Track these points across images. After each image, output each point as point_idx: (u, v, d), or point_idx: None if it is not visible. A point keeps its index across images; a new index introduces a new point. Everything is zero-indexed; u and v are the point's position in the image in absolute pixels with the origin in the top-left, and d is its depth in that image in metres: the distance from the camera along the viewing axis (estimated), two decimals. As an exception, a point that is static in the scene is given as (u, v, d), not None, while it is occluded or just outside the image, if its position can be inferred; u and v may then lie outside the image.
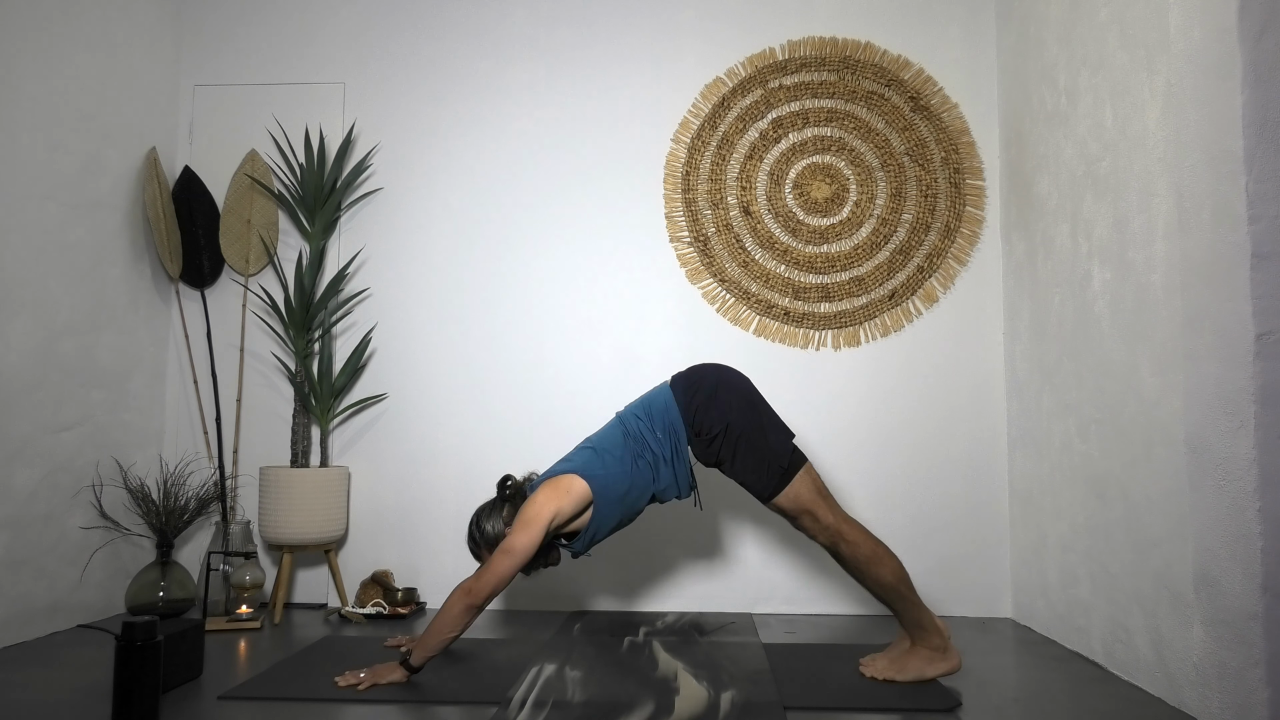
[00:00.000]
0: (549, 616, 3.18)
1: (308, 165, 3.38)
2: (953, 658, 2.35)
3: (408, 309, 3.46)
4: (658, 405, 2.46)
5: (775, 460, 2.34)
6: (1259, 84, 1.89)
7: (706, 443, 2.40)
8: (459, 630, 2.26)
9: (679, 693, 2.23)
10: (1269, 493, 1.84)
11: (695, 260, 3.40)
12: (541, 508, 2.30)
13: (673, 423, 2.42)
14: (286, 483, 3.14)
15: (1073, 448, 2.72)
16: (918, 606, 2.34)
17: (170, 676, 2.22)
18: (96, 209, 3.12)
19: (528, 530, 2.27)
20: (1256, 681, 1.85)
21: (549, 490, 2.34)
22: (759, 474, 2.35)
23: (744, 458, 2.35)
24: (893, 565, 2.33)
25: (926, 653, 2.34)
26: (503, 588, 2.26)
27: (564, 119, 3.48)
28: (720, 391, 2.41)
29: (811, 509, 2.34)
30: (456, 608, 2.23)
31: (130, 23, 3.30)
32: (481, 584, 2.23)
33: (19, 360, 2.79)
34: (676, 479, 2.44)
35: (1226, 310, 1.94)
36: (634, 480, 2.40)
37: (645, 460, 2.40)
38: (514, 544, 2.26)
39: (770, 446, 2.35)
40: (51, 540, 2.89)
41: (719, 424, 2.37)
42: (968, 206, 3.36)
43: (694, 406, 2.41)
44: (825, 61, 3.43)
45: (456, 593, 2.25)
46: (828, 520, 2.33)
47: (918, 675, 2.32)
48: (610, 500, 2.38)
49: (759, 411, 2.41)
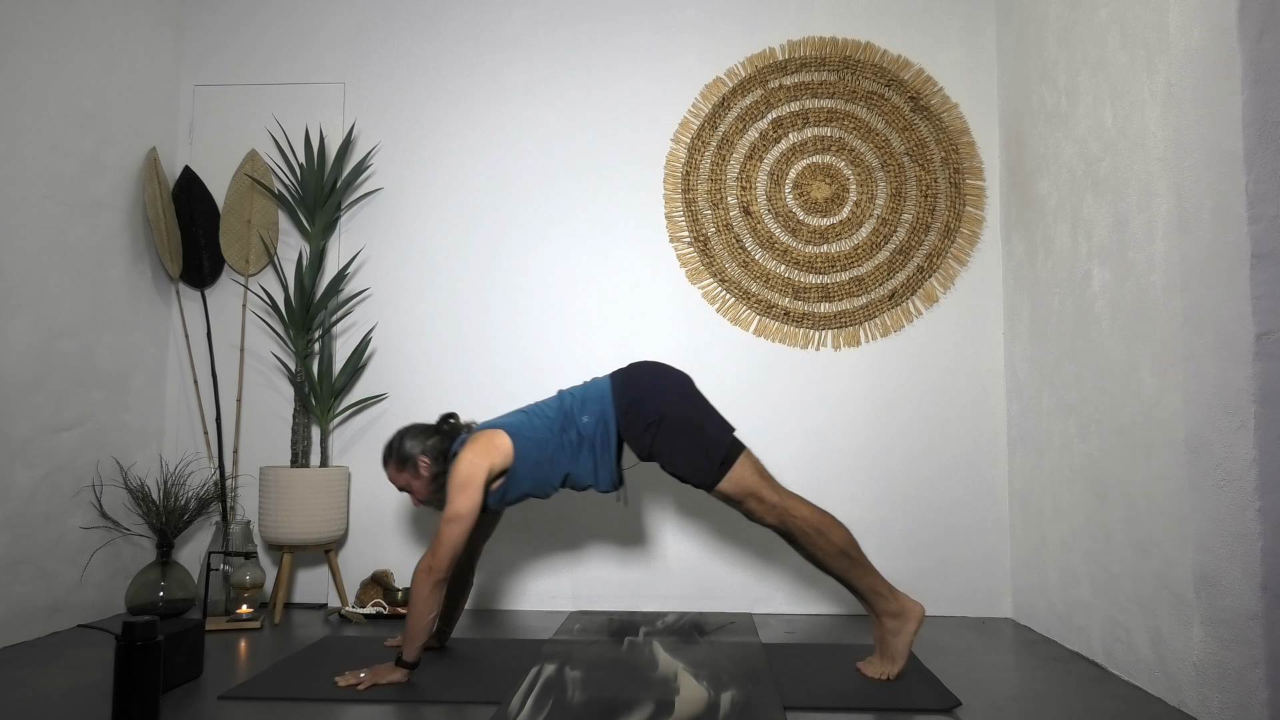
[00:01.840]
0: (549, 616, 3.18)
1: (308, 165, 3.38)
2: (913, 612, 2.36)
3: (408, 309, 3.46)
4: (594, 392, 2.53)
5: (715, 450, 2.38)
6: (1259, 84, 1.89)
7: (640, 431, 2.43)
8: (436, 609, 2.32)
9: (679, 693, 2.23)
10: (1269, 493, 1.84)
11: (695, 260, 3.40)
12: (475, 468, 2.36)
13: (605, 411, 2.48)
14: (286, 483, 3.14)
15: (1073, 448, 2.72)
16: (870, 572, 2.37)
17: (170, 676, 2.23)
18: (96, 209, 3.12)
19: (466, 492, 2.34)
20: (1256, 681, 1.86)
21: (479, 446, 2.41)
22: (699, 463, 2.39)
23: (682, 449, 2.40)
24: (840, 531, 2.37)
25: (893, 624, 2.36)
26: (459, 553, 2.34)
27: (564, 119, 3.48)
28: (656, 386, 2.47)
29: (755, 490, 2.38)
30: (425, 589, 2.29)
31: (130, 23, 3.30)
32: (439, 558, 2.30)
33: (19, 360, 2.79)
34: (597, 469, 2.50)
35: (1226, 310, 1.94)
36: (554, 453, 2.47)
37: (569, 437, 2.48)
38: (458, 510, 2.33)
39: (709, 435, 2.40)
40: (51, 540, 2.89)
41: (653, 414, 2.42)
42: (968, 206, 3.36)
43: (629, 398, 2.46)
44: (825, 61, 3.43)
45: (419, 576, 2.30)
46: (773, 499, 2.38)
47: (905, 649, 2.35)
48: (527, 463, 2.45)
49: (696, 405, 2.46)
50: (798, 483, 3.28)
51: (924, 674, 2.40)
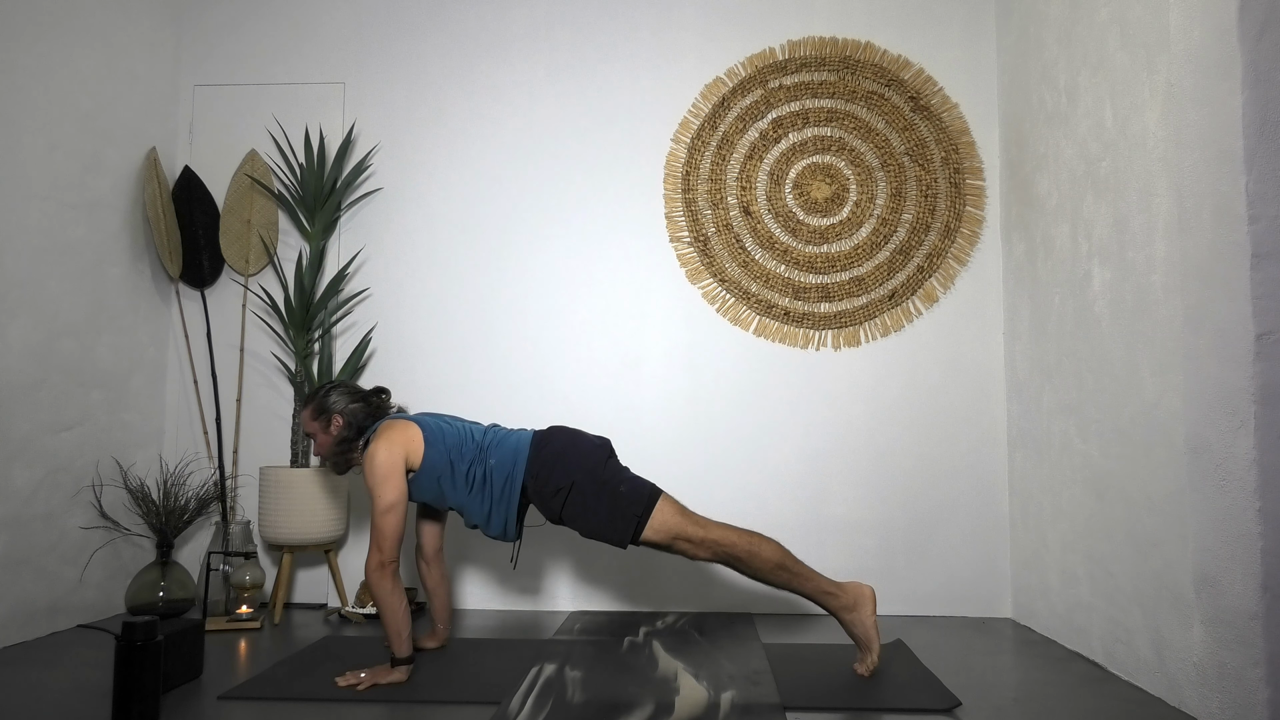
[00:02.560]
0: (549, 616, 3.18)
1: (308, 165, 3.38)
2: (863, 595, 2.37)
3: (408, 309, 3.46)
4: (513, 442, 2.49)
5: (631, 506, 2.36)
6: (1259, 84, 1.89)
7: (550, 496, 2.41)
8: (402, 598, 2.34)
9: (679, 693, 2.23)
10: (1269, 493, 1.84)
11: (695, 260, 3.40)
12: (391, 457, 2.38)
13: (516, 465, 2.44)
14: (286, 483, 3.14)
15: (1073, 448, 2.72)
16: (812, 577, 2.38)
17: (170, 676, 2.23)
18: (96, 209, 3.12)
19: (389, 482, 2.36)
20: (1256, 681, 1.86)
21: (394, 437, 2.41)
22: (615, 523, 2.36)
23: (595, 512, 2.37)
24: (770, 547, 2.37)
25: (850, 616, 2.37)
26: (401, 540, 2.36)
27: (563, 119, 3.48)
28: (569, 453, 2.44)
29: (680, 532, 2.36)
30: (385, 583, 2.32)
31: (130, 23, 3.30)
32: (385, 550, 2.32)
33: (19, 360, 2.79)
34: (490, 514, 2.47)
35: (1226, 310, 1.94)
36: (453, 478, 2.45)
37: (475, 470, 2.45)
38: (388, 500, 2.34)
39: (623, 495, 2.37)
40: (51, 540, 2.89)
41: (563, 480, 2.39)
42: (968, 206, 3.36)
43: (540, 460, 2.43)
44: (825, 61, 3.43)
45: (372, 575, 2.32)
46: (699, 535, 2.35)
47: (873, 631, 2.36)
48: (430, 475, 2.44)
49: (608, 469, 2.42)
50: (798, 483, 3.29)
51: (924, 674, 2.40)
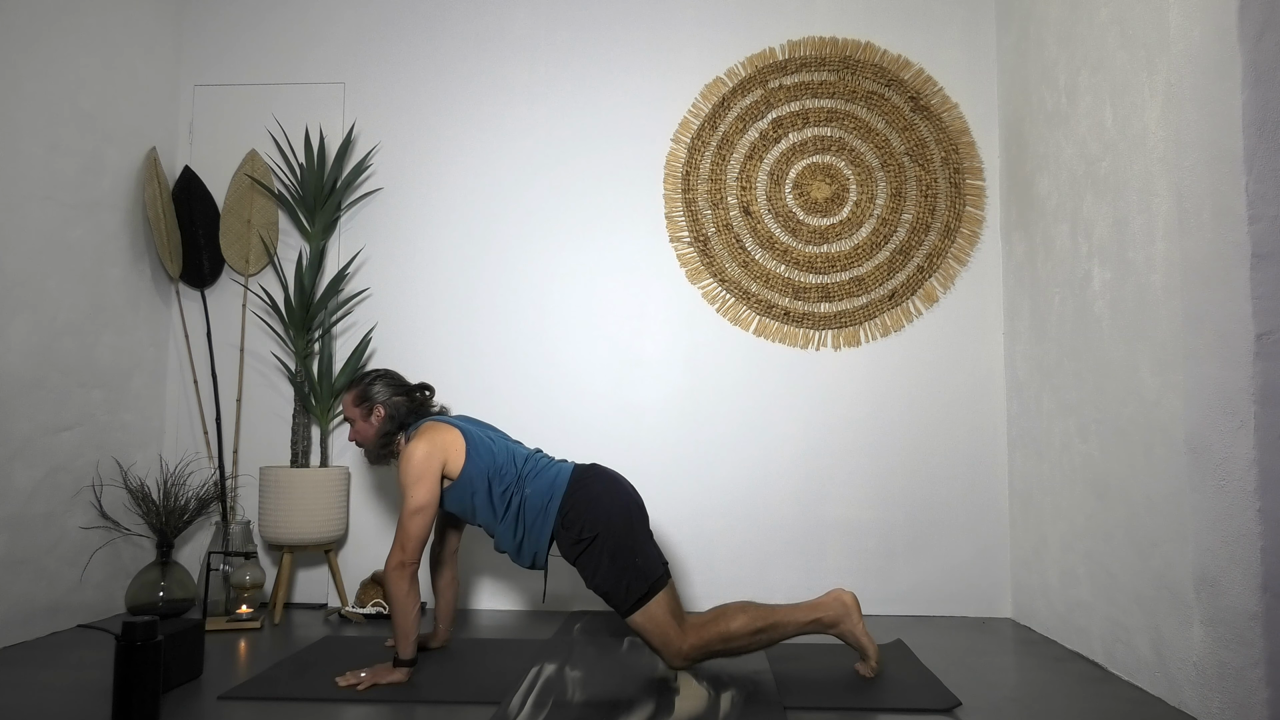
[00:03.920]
0: (549, 616, 3.18)
1: (308, 165, 3.38)
2: (843, 604, 2.35)
3: (408, 309, 3.46)
4: (549, 476, 2.43)
5: (637, 582, 2.29)
6: (1259, 84, 1.89)
7: (573, 540, 2.35)
8: (417, 601, 2.33)
9: (679, 693, 2.23)
10: (1269, 493, 1.84)
11: (695, 260, 3.40)
12: (430, 460, 2.36)
13: (552, 500, 2.38)
14: (286, 483, 3.14)
15: (1073, 448, 2.72)
16: (786, 620, 2.32)
17: (170, 676, 2.23)
18: (96, 209, 3.12)
19: (423, 483, 2.35)
20: (1256, 681, 1.86)
21: (436, 440, 2.39)
22: (618, 590, 2.29)
23: (605, 571, 2.31)
24: (737, 620, 2.30)
25: (839, 629, 2.35)
26: (425, 543, 2.36)
27: (563, 119, 3.48)
28: (602, 501, 2.37)
29: (664, 634, 2.28)
30: (402, 584, 2.31)
31: (130, 23, 3.30)
32: (408, 551, 2.32)
33: (19, 360, 2.79)
34: (521, 544, 2.42)
35: (1226, 310, 1.94)
36: (489, 498, 2.41)
37: (513, 497, 2.40)
38: (418, 502, 2.34)
39: (636, 567, 2.30)
40: (51, 540, 2.89)
41: (589, 530, 2.33)
42: (968, 206, 3.35)
43: (573, 502, 2.37)
44: (825, 61, 3.43)
45: (392, 573, 2.31)
46: (678, 646, 2.27)
47: (864, 636, 2.35)
48: (464, 488, 2.41)
49: (634, 533, 2.35)
50: (797, 483, 3.29)
51: (924, 674, 2.40)
